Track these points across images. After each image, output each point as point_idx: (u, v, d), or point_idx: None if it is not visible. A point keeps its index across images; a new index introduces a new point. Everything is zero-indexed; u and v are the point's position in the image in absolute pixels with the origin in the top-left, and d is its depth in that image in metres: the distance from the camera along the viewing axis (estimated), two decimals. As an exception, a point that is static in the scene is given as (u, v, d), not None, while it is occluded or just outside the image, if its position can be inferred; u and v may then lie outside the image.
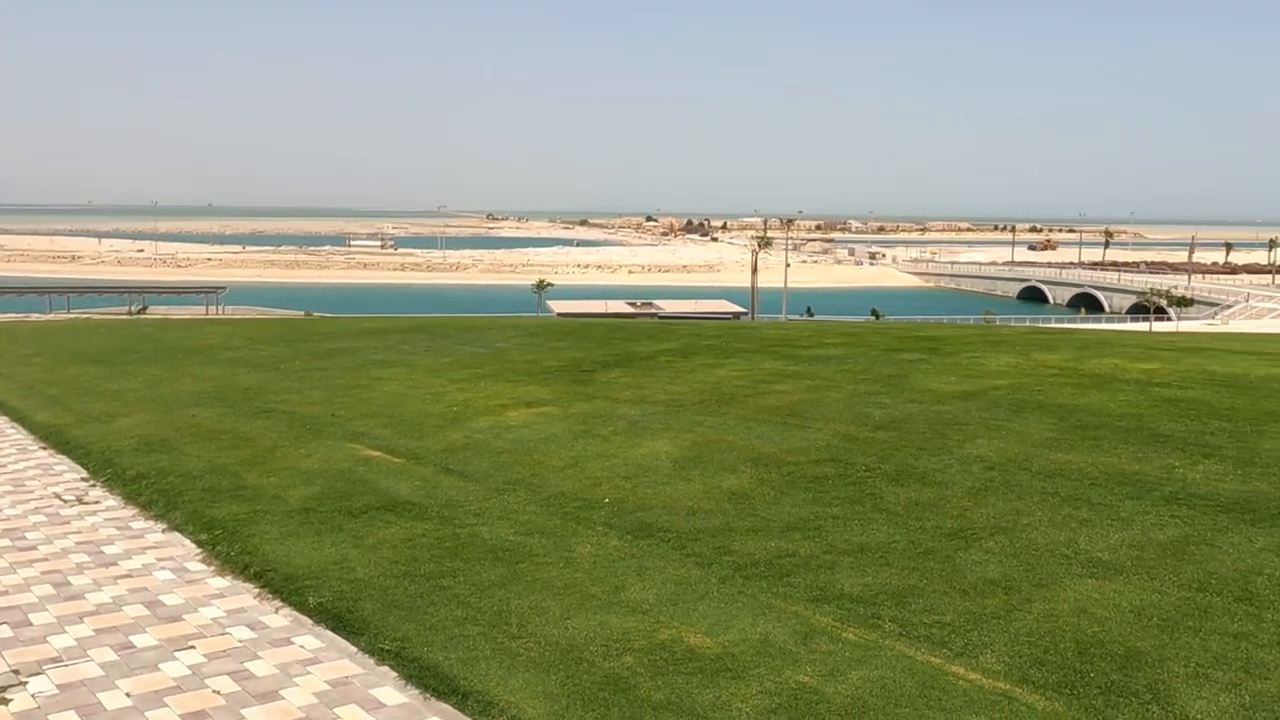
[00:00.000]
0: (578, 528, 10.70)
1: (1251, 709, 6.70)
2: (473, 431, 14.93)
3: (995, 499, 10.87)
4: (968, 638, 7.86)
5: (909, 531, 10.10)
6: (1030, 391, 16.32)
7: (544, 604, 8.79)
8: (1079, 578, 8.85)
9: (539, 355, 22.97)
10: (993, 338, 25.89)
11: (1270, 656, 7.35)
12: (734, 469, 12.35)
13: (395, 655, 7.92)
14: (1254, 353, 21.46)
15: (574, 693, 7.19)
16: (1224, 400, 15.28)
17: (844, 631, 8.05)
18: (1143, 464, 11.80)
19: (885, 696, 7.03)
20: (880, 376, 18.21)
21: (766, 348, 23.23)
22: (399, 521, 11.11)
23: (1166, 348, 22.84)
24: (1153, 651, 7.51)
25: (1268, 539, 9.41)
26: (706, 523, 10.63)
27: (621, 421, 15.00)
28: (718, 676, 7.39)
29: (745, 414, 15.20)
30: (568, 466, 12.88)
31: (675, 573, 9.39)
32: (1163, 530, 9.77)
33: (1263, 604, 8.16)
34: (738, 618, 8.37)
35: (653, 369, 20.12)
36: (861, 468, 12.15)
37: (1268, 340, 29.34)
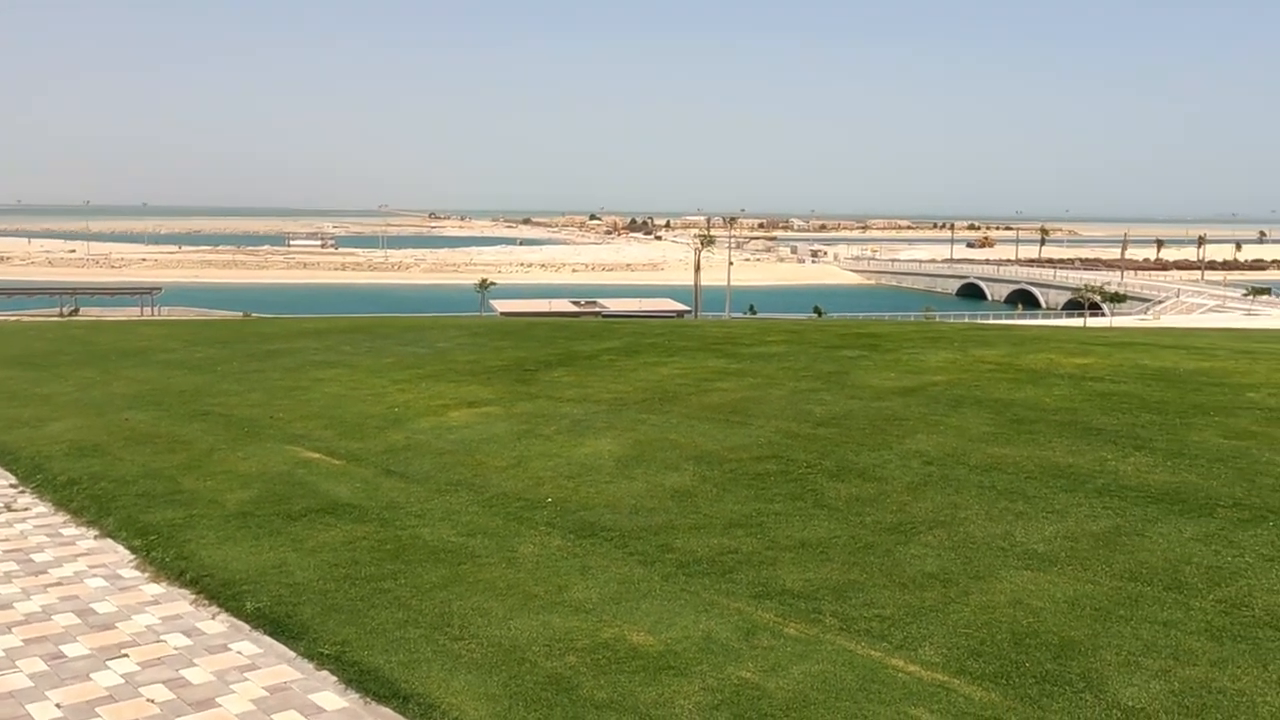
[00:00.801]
0: (520, 528, 10.66)
1: (1180, 695, 6.86)
2: (414, 432, 14.80)
3: (934, 493, 11.02)
4: (907, 630, 7.96)
5: (849, 527, 10.20)
6: (968, 387, 16.57)
7: (486, 605, 8.74)
8: (1015, 569, 9.00)
9: (481, 355, 22.84)
10: (932, 334, 26.25)
11: (1198, 644, 7.53)
12: (677, 467, 12.38)
13: (335, 659, 7.82)
14: (1183, 347, 21.98)
15: (516, 693, 7.16)
16: (1155, 394, 15.64)
17: (786, 627, 8.11)
18: (1076, 457, 12.04)
19: (826, 690, 7.09)
20: (821, 373, 18.37)
21: (709, 346, 23.33)
22: (339, 524, 10.98)
23: (1100, 343, 23.32)
24: (1086, 641, 7.66)
25: (1196, 529, 9.64)
26: (649, 521, 10.64)
27: (564, 421, 14.97)
28: (660, 674, 7.40)
29: (688, 412, 15.25)
30: (510, 466, 12.83)
31: (618, 571, 9.39)
32: (1095, 522, 9.97)
33: (1191, 592, 8.36)
34: (680, 615, 8.39)
35: (596, 368, 20.10)
36: (803, 464, 12.25)
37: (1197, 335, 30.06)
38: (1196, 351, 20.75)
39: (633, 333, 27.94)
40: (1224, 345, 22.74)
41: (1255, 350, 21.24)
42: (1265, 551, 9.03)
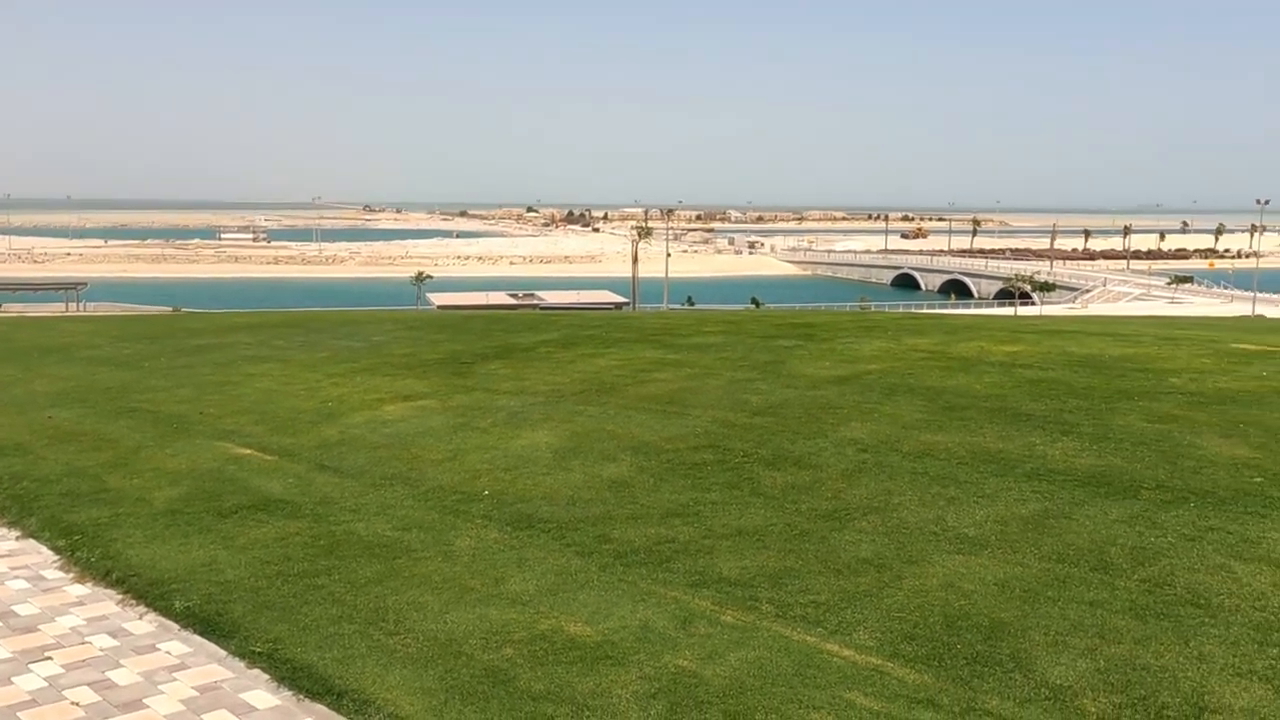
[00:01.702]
0: (457, 521, 10.58)
1: (1106, 672, 7.02)
2: (348, 427, 14.62)
3: (868, 480, 11.15)
4: (842, 616, 8.04)
5: (785, 514, 10.28)
6: (901, 375, 16.78)
7: (422, 599, 8.67)
8: (947, 554, 9.14)
9: (417, 348, 22.63)
10: (866, 323, 26.53)
11: (1123, 622, 7.71)
12: (614, 458, 12.38)
13: (267, 657, 7.70)
14: (1109, 334, 22.48)
15: (452, 687, 7.11)
16: (1081, 380, 15.97)
17: (722, 615, 8.15)
18: (1006, 442, 12.25)
19: (762, 677, 7.14)
20: (758, 363, 18.49)
21: (647, 337, 23.35)
22: (271, 520, 10.81)
23: (1029, 330, 23.76)
24: (1015, 622, 7.80)
25: (1121, 511, 9.87)
26: (587, 512, 10.63)
27: (501, 413, 14.89)
28: (598, 664, 7.40)
29: (625, 403, 15.26)
30: (446, 460, 12.73)
31: (555, 563, 9.36)
32: (1024, 505, 10.16)
33: (1116, 572, 8.56)
34: (618, 605, 8.40)
35: (533, 360, 20.02)
36: (739, 453, 12.32)
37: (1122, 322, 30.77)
38: (1121, 339, 21.24)
39: (570, 325, 27.87)
40: (1148, 332, 23.30)
41: (1177, 337, 21.80)
42: (1186, 531, 9.27)
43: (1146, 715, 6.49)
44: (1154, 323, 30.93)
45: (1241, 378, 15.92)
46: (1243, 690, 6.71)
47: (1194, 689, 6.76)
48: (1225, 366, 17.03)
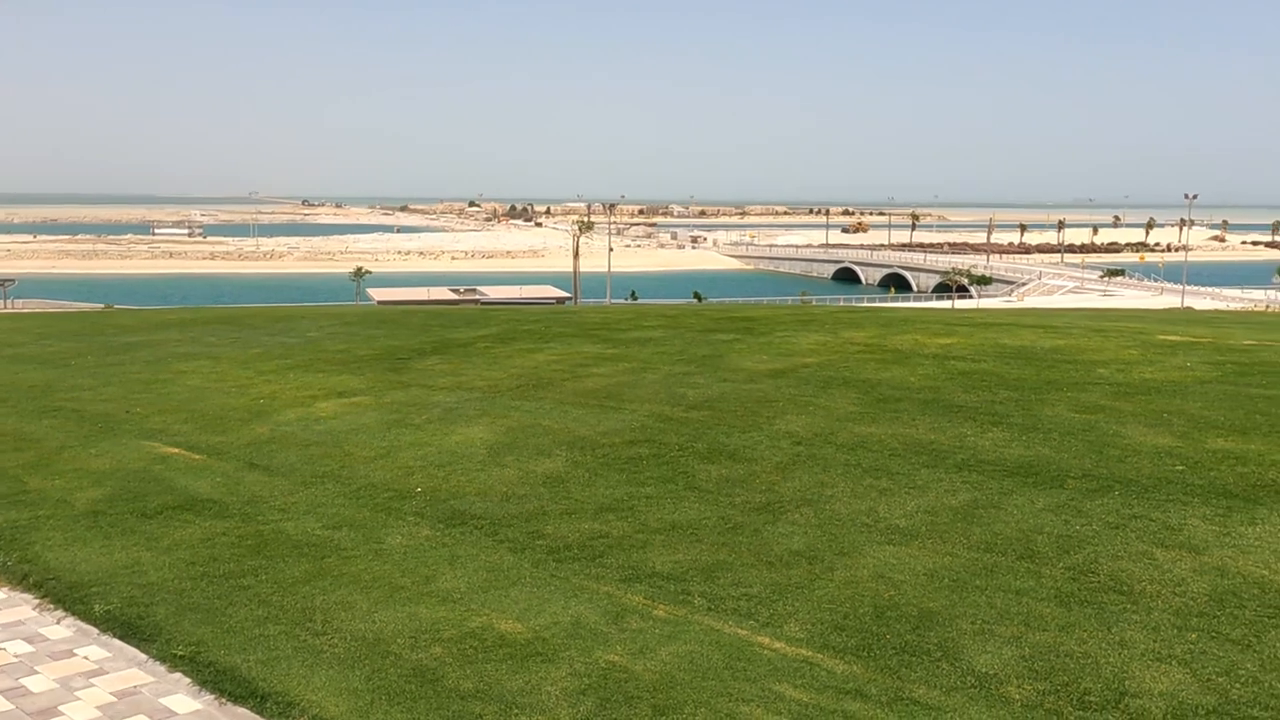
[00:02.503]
0: (388, 519, 10.45)
1: (1030, 659, 7.11)
2: (279, 424, 14.38)
3: (802, 473, 11.20)
4: (773, 608, 8.06)
5: (719, 508, 10.29)
6: (838, 368, 16.90)
7: (351, 598, 8.54)
8: (878, 545, 9.20)
9: (353, 344, 22.34)
10: (804, 317, 26.70)
11: (1048, 610, 7.82)
12: (549, 453, 12.31)
13: (189, 661, 7.53)
14: (1041, 326, 22.84)
15: (379, 687, 7.00)
16: (1013, 371, 16.21)
17: (655, 609, 8.13)
18: (938, 434, 12.39)
19: (693, 671, 7.13)
20: (696, 357, 18.51)
21: (586, 332, 23.28)
22: (198, 521, 10.59)
23: (963, 323, 24.07)
24: (944, 611, 7.88)
25: (1047, 500, 10.02)
26: (520, 508, 10.55)
27: (436, 409, 14.74)
28: (528, 661, 7.34)
29: (562, 398, 15.18)
30: (379, 457, 12.57)
31: (488, 560, 9.28)
32: (955, 496, 10.27)
33: (1042, 561, 8.68)
34: (550, 601, 8.34)
35: (470, 355, 19.86)
36: (675, 447, 12.31)
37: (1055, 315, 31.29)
38: (1053, 330, 21.59)
39: (509, 320, 27.71)
40: (1078, 324, 23.71)
41: (1107, 328, 22.21)
42: (1111, 520, 9.44)
43: (1069, 701, 6.58)
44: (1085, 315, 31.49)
45: (1166, 368, 16.26)
46: (1162, 675, 6.84)
47: (1115, 674, 6.87)
48: (1151, 357, 17.38)
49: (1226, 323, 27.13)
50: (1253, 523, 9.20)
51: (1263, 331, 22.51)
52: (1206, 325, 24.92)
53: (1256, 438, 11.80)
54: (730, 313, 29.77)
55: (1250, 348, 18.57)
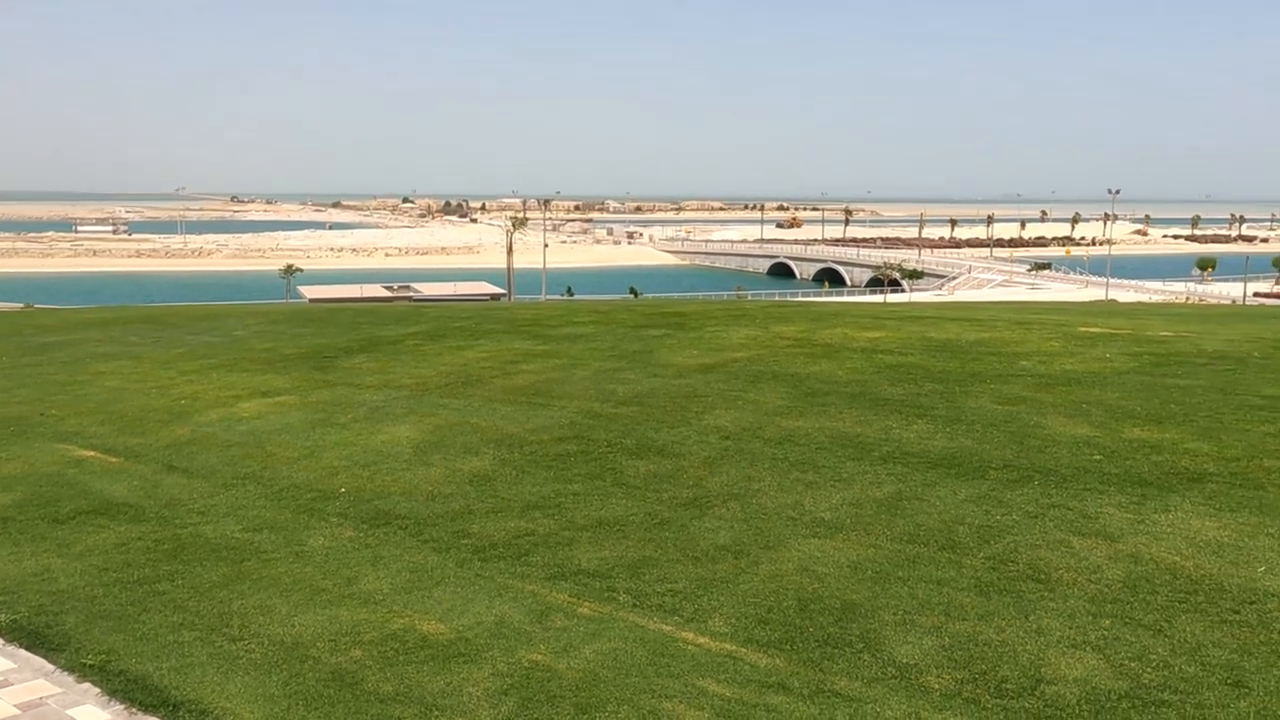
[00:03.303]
0: (310, 520, 10.27)
1: (950, 649, 7.19)
2: (200, 425, 14.07)
3: (729, 467, 11.23)
4: (698, 603, 8.06)
5: (646, 503, 10.27)
6: (767, 362, 16.99)
7: (270, 602, 8.37)
8: (803, 538, 9.25)
9: (279, 343, 21.96)
10: (735, 312, 26.83)
11: (968, 599, 7.92)
12: (476, 451, 12.20)
13: (99, 670, 7.31)
14: (966, 319, 23.20)
15: (296, 692, 6.87)
16: (938, 364, 16.42)
17: (579, 607, 8.09)
18: (864, 427, 12.50)
19: (616, 668, 7.10)
20: (626, 353, 18.49)
21: (517, 328, 23.14)
22: (112, 525, 10.32)
23: (891, 317, 24.36)
24: (866, 603, 7.94)
25: (970, 490, 10.16)
26: (446, 507, 10.44)
27: (362, 408, 14.54)
28: (450, 662, 7.25)
29: (491, 395, 15.07)
30: (303, 457, 12.36)
31: (411, 560, 9.16)
32: (879, 488, 10.37)
33: (963, 551, 8.79)
34: (474, 601, 8.25)
35: (399, 353, 19.63)
36: (603, 443, 12.27)
37: (981, 308, 31.80)
38: (978, 323, 21.93)
39: (440, 317, 27.45)
40: (1003, 317, 24.12)
41: (1030, 321, 22.62)
42: (1030, 509, 9.59)
43: (986, 690, 6.66)
44: (1010, 308, 32.05)
45: (1086, 359, 16.59)
46: (1077, 661, 6.95)
47: (1032, 661, 6.97)
48: (1072, 349, 17.72)
49: (1146, 314, 27.82)
50: (1166, 510, 9.41)
51: (1179, 323, 23.09)
52: (1126, 317, 25.52)
53: (1170, 427, 12.08)
54: (663, 308, 29.79)
55: (1167, 339, 19.04)
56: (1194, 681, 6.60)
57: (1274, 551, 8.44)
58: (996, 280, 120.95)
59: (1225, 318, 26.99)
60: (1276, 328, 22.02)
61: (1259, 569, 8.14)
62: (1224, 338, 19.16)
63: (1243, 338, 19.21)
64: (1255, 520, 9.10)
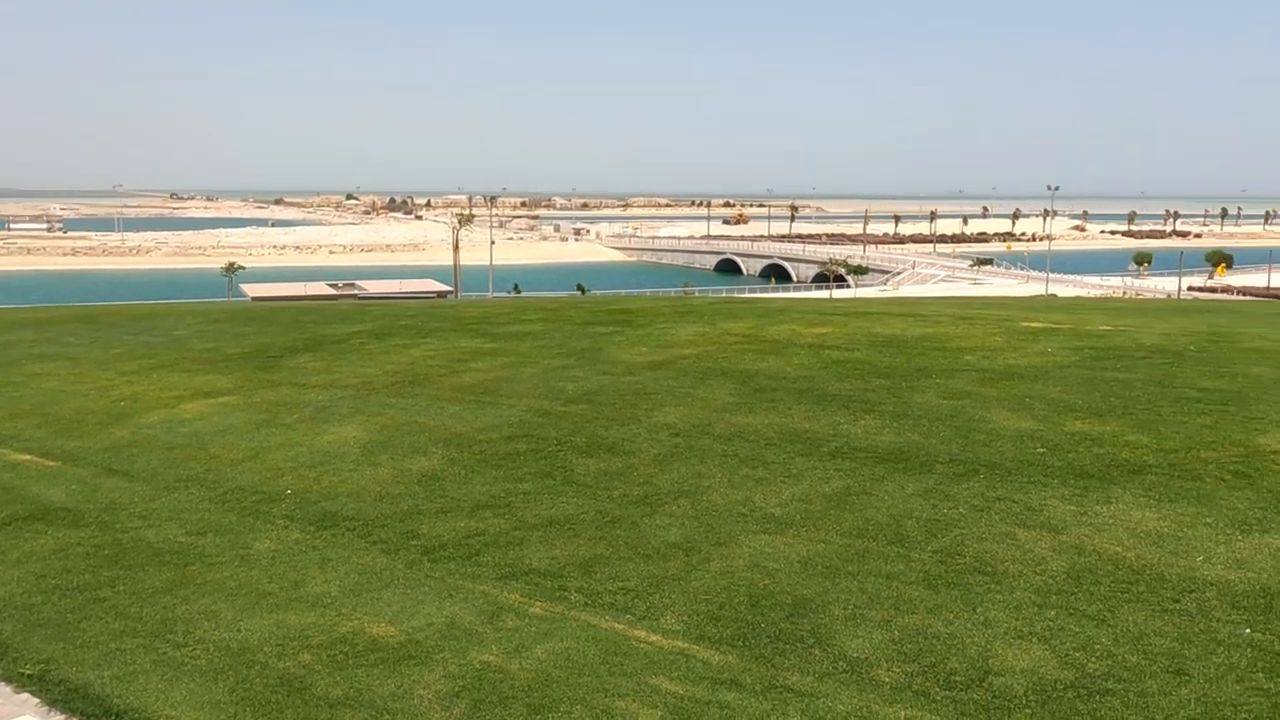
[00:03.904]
0: (256, 523, 10.11)
1: (900, 642, 7.26)
2: (141, 427, 13.80)
3: (680, 464, 11.24)
4: (650, 601, 8.06)
5: (597, 502, 10.25)
6: (715, 359, 17.04)
7: (215, 607, 8.23)
8: (754, 534, 9.28)
9: (221, 342, 21.60)
10: (683, 309, 26.87)
11: (916, 592, 8.00)
12: (425, 451, 12.09)
13: (38, 680, 7.14)
14: (911, 315, 23.45)
15: (243, 698, 6.76)
16: (884, 359, 16.58)
17: (531, 606, 8.05)
18: (812, 423, 12.58)
19: (569, 667, 7.07)
20: (575, 350, 18.44)
21: (464, 326, 22.99)
22: (50, 531, 10.08)
23: (837, 313, 24.56)
24: (817, 597, 7.99)
25: (917, 484, 10.26)
26: (395, 507, 10.33)
27: (308, 408, 14.34)
28: (400, 665, 7.18)
29: (438, 394, 14.94)
30: (247, 459, 12.16)
31: (360, 562, 9.06)
32: (828, 483, 10.44)
33: (911, 545, 8.88)
34: (424, 603, 8.18)
35: (345, 352, 19.40)
36: (553, 442, 12.23)
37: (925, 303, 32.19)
38: (922, 319, 22.18)
39: (386, 315, 27.18)
40: (947, 312, 24.43)
41: (973, 316, 22.92)
42: (976, 503, 9.71)
43: (935, 682, 6.73)
44: (954, 303, 32.50)
45: (1028, 354, 16.85)
46: (1023, 652, 7.05)
47: (979, 653, 7.06)
48: (1015, 343, 17.99)
49: (1085, 309, 28.31)
50: (1107, 501, 9.58)
51: (1118, 317, 23.54)
52: (1066, 312, 25.96)
53: (1111, 419, 12.30)
54: (611, 305, 29.77)
55: (1106, 333, 19.39)
56: (1137, 670, 6.73)
57: (1212, 541, 8.63)
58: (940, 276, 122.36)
59: (1161, 312, 27.57)
60: (1211, 321, 22.54)
61: (1198, 558, 8.32)
62: (1161, 332, 19.57)
63: (1178, 332, 19.63)
64: (1193, 510, 9.30)
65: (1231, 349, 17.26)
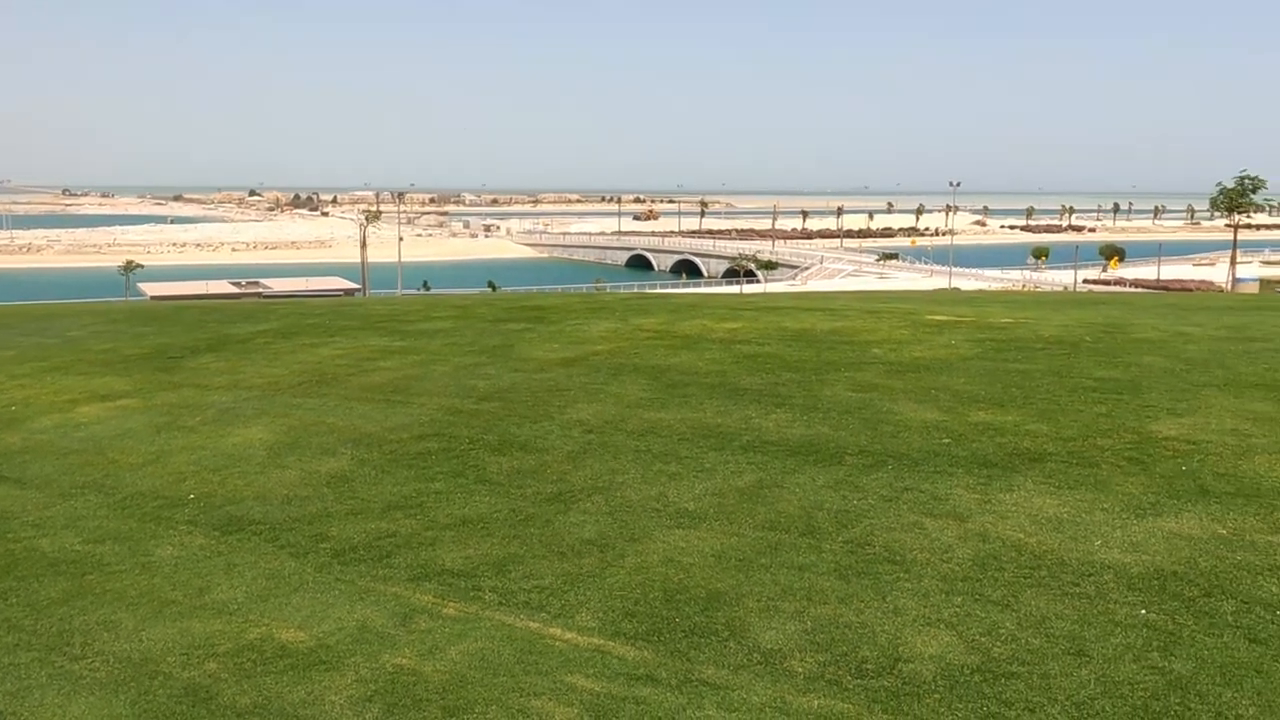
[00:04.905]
0: (158, 529, 9.83)
1: (812, 633, 7.36)
2: (34, 432, 13.31)
3: (593, 461, 11.23)
4: (565, 599, 8.03)
5: (510, 500, 10.18)
6: (628, 355, 17.07)
7: (115, 617, 7.97)
8: (668, 529, 9.32)
9: (119, 343, 20.94)
10: (595, 305, 26.87)
11: (828, 583, 8.12)
12: (333, 451, 11.88)
13: (-75, 699, 6.84)
14: (821, 309, 23.80)
15: (146, 711, 6.56)
16: (794, 354, 16.80)
17: (444, 607, 7.96)
18: (725, 417, 12.68)
19: (484, 668, 7.02)
20: (487, 348, 18.30)
21: (373, 324, 22.65)
22: (-64, 543, 9.65)
23: (748, 308, 24.79)
24: (731, 591, 8.05)
25: (827, 476, 10.41)
26: (303, 510, 10.13)
27: (211, 410, 13.99)
28: (310, 671, 7.04)
29: (347, 394, 14.70)
30: (148, 463, 11.81)
31: (268, 566, 8.86)
32: (741, 477, 10.53)
33: (822, 536, 9.01)
34: (334, 606, 8.04)
35: (249, 352, 18.96)
36: (465, 440, 12.12)
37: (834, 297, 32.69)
38: (831, 313, 22.53)
39: (292, 313, 26.63)
40: (855, 306, 24.84)
41: (880, 310, 23.35)
42: (885, 493, 9.89)
43: (848, 671, 6.84)
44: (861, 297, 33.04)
45: (934, 346, 17.23)
46: (932, 639, 7.21)
47: (890, 641, 7.20)
48: (920, 336, 18.38)
49: (987, 302, 29.04)
50: (1010, 489, 9.85)
51: (1018, 309, 24.20)
52: (969, 305, 26.61)
53: (1012, 409, 12.64)
54: (522, 302, 29.64)
55: (1007, 325, 19.92)
56: (1039, 653, 6.92)
57: (1109, 526, 8.93)
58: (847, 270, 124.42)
59: (1059, 304, 28.43)
60: (1105, 313, 23.31)
61: (1096, 543, 8.59)
62: (1058, 323, 20.18)
63: (1075, 323, 20.26)
64: (1091, 496, 9.61)
65: (1125, 339, 17.88)
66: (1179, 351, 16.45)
